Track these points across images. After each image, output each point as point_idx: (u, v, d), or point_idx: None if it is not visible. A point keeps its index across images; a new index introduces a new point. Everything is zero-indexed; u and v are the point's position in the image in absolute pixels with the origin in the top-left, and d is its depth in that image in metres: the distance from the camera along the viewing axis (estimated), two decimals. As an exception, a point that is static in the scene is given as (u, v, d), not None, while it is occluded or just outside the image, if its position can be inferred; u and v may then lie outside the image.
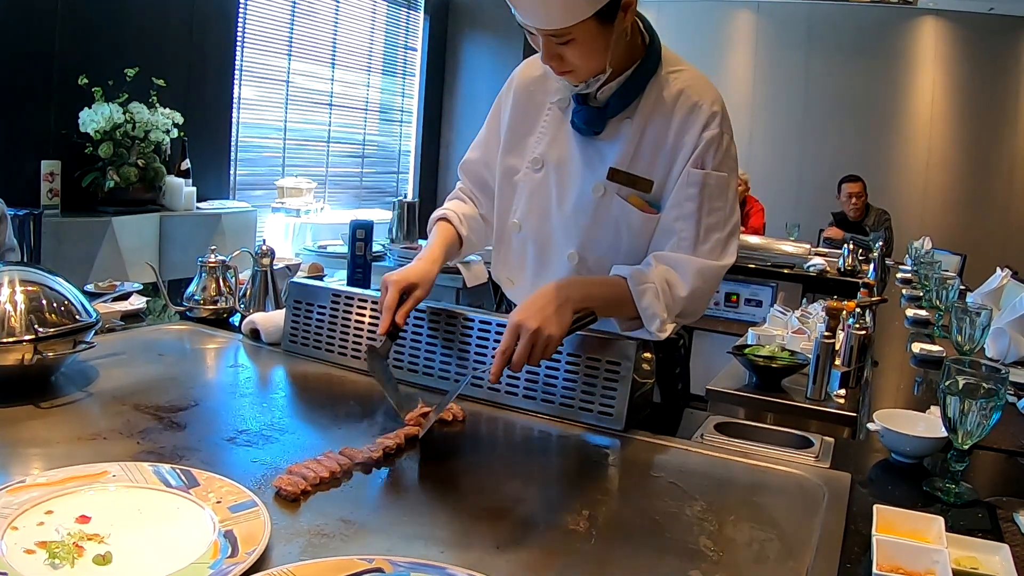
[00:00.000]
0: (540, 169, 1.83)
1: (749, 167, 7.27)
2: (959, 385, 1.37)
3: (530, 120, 1.87)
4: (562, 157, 1.80)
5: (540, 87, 1.86)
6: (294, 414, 1.69)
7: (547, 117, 1.84)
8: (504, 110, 1.93)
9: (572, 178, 1.79)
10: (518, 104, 1.89)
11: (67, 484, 1.14)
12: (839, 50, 7.77)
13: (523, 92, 1.89)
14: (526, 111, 1.88)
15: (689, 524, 1.25)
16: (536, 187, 1.84)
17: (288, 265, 2.86)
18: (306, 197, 6.23)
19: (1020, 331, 2.67)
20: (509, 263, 1.94)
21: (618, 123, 1.75)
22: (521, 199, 1.87)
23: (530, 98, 1.88)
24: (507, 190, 1.91)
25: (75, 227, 4.39)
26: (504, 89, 1.95)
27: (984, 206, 7.63)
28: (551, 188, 1.82)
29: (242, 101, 6.14)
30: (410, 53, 8.17)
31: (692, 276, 1.70)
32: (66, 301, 1.65)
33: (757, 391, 2.44)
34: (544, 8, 1.54)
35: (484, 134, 2.00)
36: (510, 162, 1.89)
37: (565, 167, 1.80)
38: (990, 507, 1.38)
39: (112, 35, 4.84)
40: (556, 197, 1.81)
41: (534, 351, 1.52)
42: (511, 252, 1.94)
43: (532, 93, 1.88)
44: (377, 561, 1.00)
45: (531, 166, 1.84)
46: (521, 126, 1.88)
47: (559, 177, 1.81)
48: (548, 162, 1.82)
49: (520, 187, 1.87)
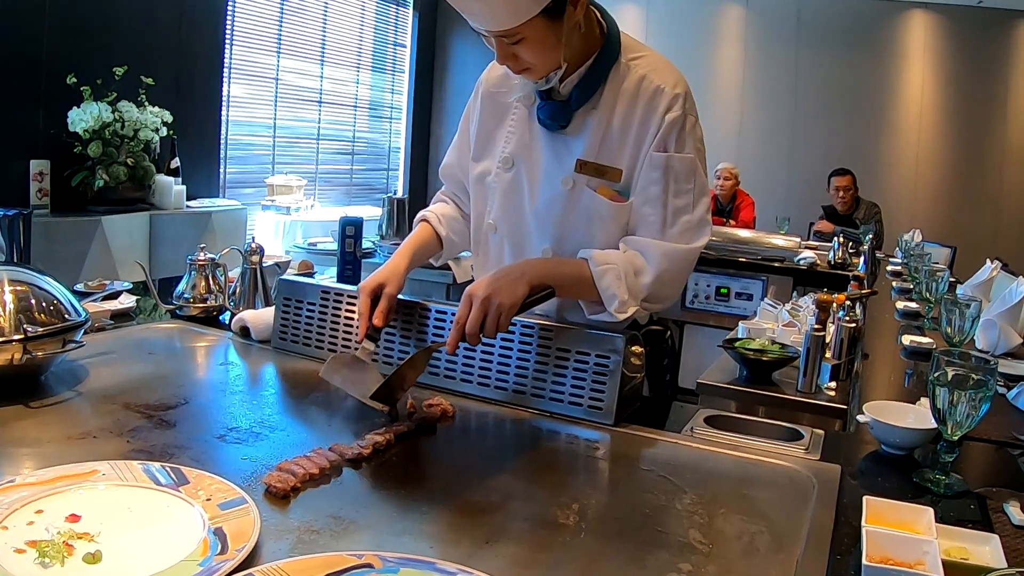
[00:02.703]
0: (511, 168, 1.83)
1: (739, 161, 7.29)
2: (948, 376, 1.38)
3: (497, 122, 1.88)
4: (531, 154, 1.81)
5: (504, 88, 1.87)
6: (284, 411, 1.68)
7: (514, 116, 1.84)
8: (472, 117, 1.95)
9: (542, 174, 1.79)
10: (485, 108, 1.91)
11: (57, 483, 1.14)
12: (829, 43, 7.78)
13: (488, 96, 1.91)
14: (492, 114, 1.89)
15: (679, 517, 1.25)
16: (508, 186, 1.84)
17: (278, 263, 2.85)
18: (296, 195, 6.22)
19: (1010, 322, 2.68)
20: (488, 265, 1.92)
21: (584, 115, 1.75)
22: (495, 199, 1.87)
23: (495, 100, 1.90)
24: (480, 193, 1.92)
25: (65, 227, 4.38)
26: (472, 96, 1.97)
27: (974, 199, 7.65)
28: (523, 185, 1.82)
29: (231, 99, 6.13)
30: (399, 50, 8.17)
31: (658, 259, 1.72)
32: (55, 300, 1.65)
33: (748, 384, 2.44)
34: (490, 10, 1.55)
35: (457, 140, 2.03)
36: (481, 166, 1.91)
37: (535, 164, 1.81)
38: (980, 498, 1.38)
39: (100, 34, 4.83)
40: (528, 193, 1.82)
41: (487, 320, 1.55)
42: (489, 254, 1.94)
43: (496, 95, 1.89)
44: (367, 557, 1.00)
45: (501, 166, 1.84)
46: (489, 130, 1.90)
47: (530, 174, 1.81)
48: (518, 160, 1.83)
49: (492, 188, 1.87)
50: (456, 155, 2.02)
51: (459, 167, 2.01)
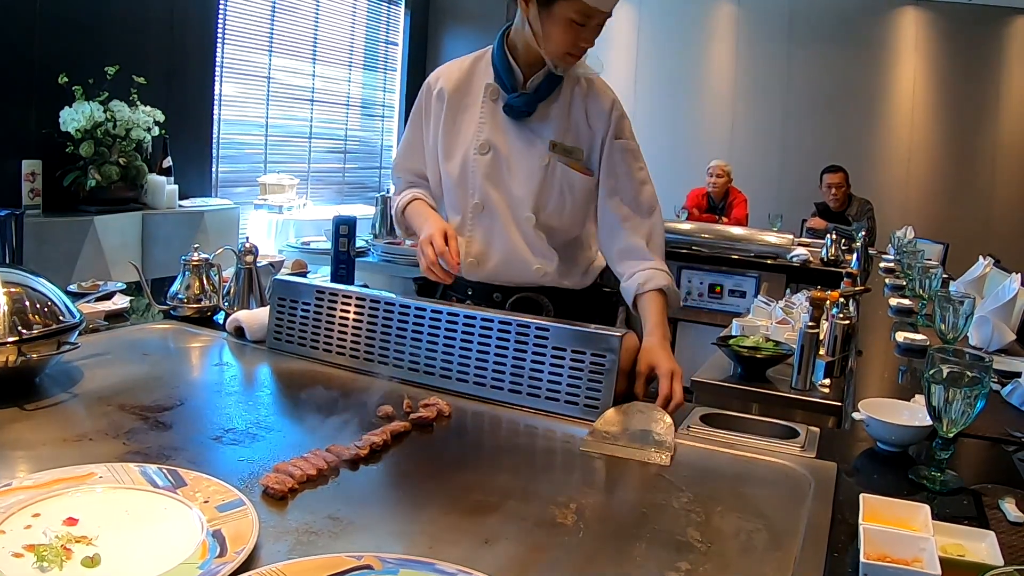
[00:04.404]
0: (487, 152, 2.07)
1: (731, 158, 7.29)
2: (943, 374, 1.38)
3: (463, 118, 2.11)
4: (503, 138, 2.08)
5: (466, 89, 2.12)
6: (280, 412, 1.68)
7: (483, 109, 2.09)
8: (430, 119, 2.16)
9: (516, 154, 2.07)
10: (450, 109, 2.12)
11: (54, 486, 1.14)
12: (820, 40, 7.78)
13: (452, 99, 2.12)
14: (456, 113, 2.12)
15: (676, 516, 1.26)
16: (488, 168, 2.08)
17: (271, 262, 2.85)
18: (288, 193, 6.21)
19: (1003, 319, 2.69)
20: (475, 243, 2.12)
21: (546, 105, 2.07)
22: (476, 181, 2.08)
23: (460, 101, 2.12)
24: (460, 181, 2.11)
25: (57, 227, 4.37)
26: (426, 100, 2.17)
27: (966, 195, 7.66)
28: (501, 165, 2.08)
29: (223, 98, 6.11)
30: (391, 48, 8.15)
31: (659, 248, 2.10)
32: (49, 302, 1.64)
33: (742, 382, 2.44)
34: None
35: (410, 138, 2.24)
36: (456, 159, 2.11)
37: (508, 146, 2.08)
38: (975, 494, 1.39)
39: (92, 33, 4.81)
40: (506, 172, 2.08)
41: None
42: (476, 233, 2.12)
43: (460, 96, 2.12)
44: (366, 558, 1.00)
45: (479, 151, 2.07)
46: (455, 127, 2.12)
47: (505, 155, 2.08)
48: (492, 145, 2.07)
49: (473, 171, 2.08)
50: (410, 153, 2.24)
51: (415, 161, 2.23)
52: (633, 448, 1.51)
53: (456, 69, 2.13)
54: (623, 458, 1.49)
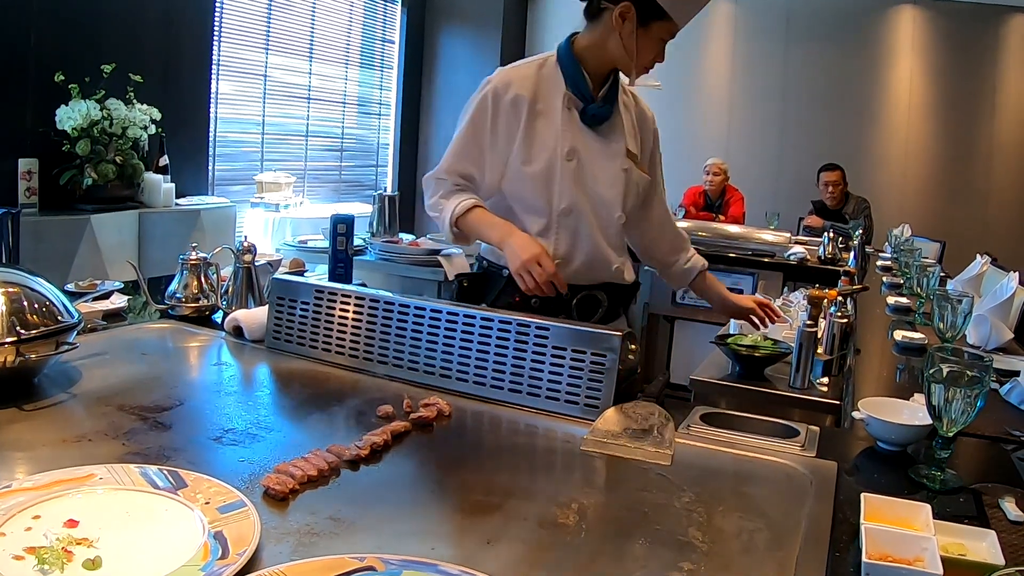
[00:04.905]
0: (572, 159, 2.16)
1: (728, 157, 7.30)
2: (943, 373, 1.38)
3: (540, 124, 2.17)
4: (584, 146, 2.18)
5: (539, 96, 2.17)
6: (280, 412, 1.68)
7: (564, 117, 2.17)
8: (503, 126, 2.17)
9: (598, 160, 2.20)
10: (529, 116, 2.16)
11: (54, 488, 1.14)
12: (818, 39, 7.78)
13: (531, 105, 2.16)
14: (534, 119, 2.17)
15: (678, 515, 1.26)
16: (575, 174, 2.17)
17: (270, 261, 2.85)
18: (285, 192, 6.21)
19: (1001, 318, 2.69)
20: (561, 245, 2.20)
21: (612, 115, 2.23)
22: (565, 186, 2.16)
23: (535, 107, 2.17)
24: (541, 185, 2.17)
25: (53, 226, 4.36)
26: (494, 107, 2.16)
27: (963, 193, 7.67)
28: (585, 171, 2.18)
29: (220, 96, 6.10)
30: (388, 46, 8.14)
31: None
32: (47, 302, 1.64)
33: (740, 380, 2.44)
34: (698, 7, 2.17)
35: (470, 143, 2.20)
36: (538, 164, 2.16)
37: (589, 154, 2.19)
38: (975, 494, 1.39)
39: (88, 31, 4.80)
40: (591, 177, 2.19)
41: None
42: (562, 235, 2.20)
43: (535, 102, 2.17)
44: (369, 559, 1.00)
45: (566, 158, 2.15)
46: (533, 133, 2.16)
47: (588, 162, 2.18)
48: (577, 151, 2.17)
49: (561, 177, 2.16)
50: (465, 156, 2.20)
51: (470, 164, 2.21)
52: (634, 447, 1.51)
53: (526, 76, 2.18)
54: (624, 458, 1.49)
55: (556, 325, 1.72)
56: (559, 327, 1.72)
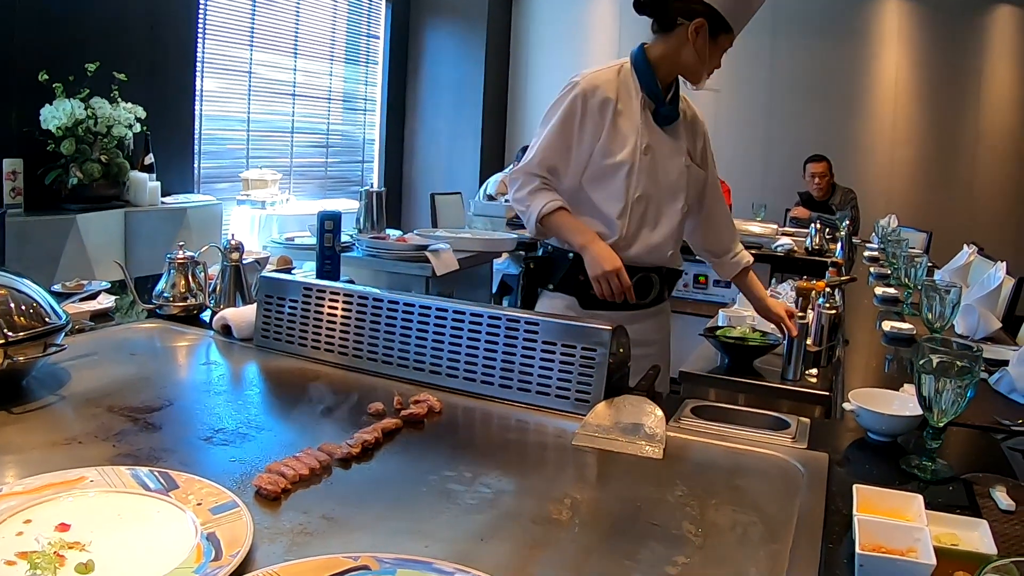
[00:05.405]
0: (647, 153, 2.38)
1: (715, 148, 7.25)
2: (933, 364, 1.38)
3: (621, 122, 2.38)
4: (656, 143, 2.41)
5: (619, 97, 2.38)
6: (270, 411, 1.68)
7: (641, 117, 2.38)
8: (590, 124, 2.38)
9: (667, 157, 2.43)
10: (614, 115, 2.37)
11: (44, 491, 1.13)
12: (804, 30, 7.78)
13: (616, 105, 2.37)
14: (616, 118, 2.37)
15: (671, 509, 1.26)
16: (649, 167, 2.39)
17: (257, 259, 2.83)
18: (271, 188, 6.18)
19: (989, 307, 2.70)
20: (631, 227, 2.41)
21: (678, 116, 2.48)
22: (641, 178, 2.38)
23: (616, 107, 2.37)
24: (617, 176, 2.38)
25: (39, 226, 4.33)
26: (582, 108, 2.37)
27: (949, 183, 7.69)
28: (657, 166, 2.41)
29: (204, 93, 6.07)
30: (372, 41, 8.12)
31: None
32: (35, 303, 1.63)
33: (730, 372, 2.45)
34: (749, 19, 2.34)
35: (559, 138, 2.41)
36: (617, 159, 2.37)
37: (660, 150, 2.42)
38: (967, 483, 1.39)
39: (72, 30, 4.76)
40: (661, 172, 2.42)
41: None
42: (633, 219, 2.41)
43: (616, 103, 2.37)
44: (363, 558, 1.00)
45: (643, 153, 2.37)
46: (616, 129, 2.37)
47: (660, 157, 2.41)
48: (652, 148, 2.39)
49: (637, 169, 2.37)
50: (554, 152, 2.41)
51: (559, 160, 2.41)
52: (625, 442, 1.51)
53: (610, 80, 2.39)
54: (615, 452, 1.49)
55: (546, 320, 1.72)
56: (549, 322, 1.71)
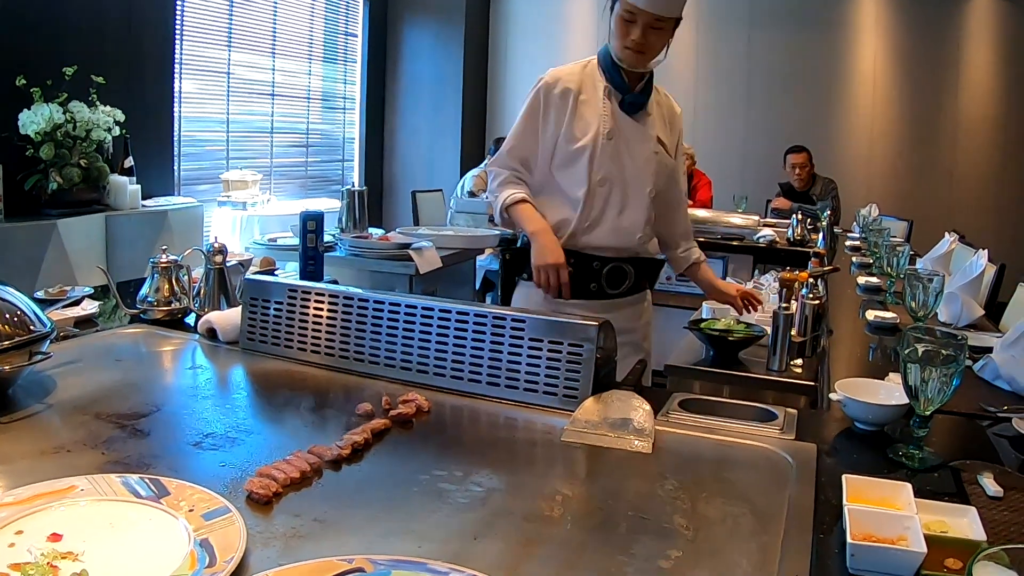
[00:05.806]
0: (611, 138, 2.47)
1: (694, 141, 7.31)
2: (919, 353, 1.39)
3: (585, 111, 2.49)
4: (621, 129, 2.49)
5: (583, 88, 2.50)
6: (258, 414, 1.67)
7: (604, 105, 2.49)
8: (552, 113, 2.50)
9: (633, 143, 2.51)
10: (575, 104, 2.48)
11: (35, 502, 1.12)
12: (781, 21, 7.81)
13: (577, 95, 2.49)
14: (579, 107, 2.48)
15: (662, 503, 1.26)
16: (613, 151, 2.48)
17: (240, 261, 2.82)
18: (252, 189, 6.16)
19: (971, 295, 2.72)
20: (594, 210, 2.50)
21: (647, 107, 2.55)
22: (604, 161, 2.48)
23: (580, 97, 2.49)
24: (581, 160, 2.47)
25: (19, 232, 4.29)
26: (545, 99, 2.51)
27: (928, 172, 7.73)
28: (621, 151, 2.49)
29: (183, 95, 6.04)
30: (351, 39, 8.10)
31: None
32: (19, 312, 1.61)
33: (715, 365, 2.46)
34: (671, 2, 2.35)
35: (525, 128, 2.55)
36: (579, 144, 2.46)
37: (625, 135, 2.50)
38: (954, 471, 1.41)
39: (48, 33, 4.72)
40: (627, 156, 2.50)
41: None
42: (596, 202, 2.50)
43: (579, 93, 2.49)
44: (357, 560, 1.00)
45: (605, 136, 2.47)
46: (578, 117, 2.48)
47: (625, 143, 2.50)
48: (616, 133, 2.48)
49: (600, 152, 2.47)
50: (522, 143, 2.56)
51: (526, 148, 2.55)
52: (614, 437, 1.52)
53: (572, 73, 2.52)
54: (605, 447, 1.50)
55: (532, 317, 1.72)
56: (535, 319, 1.72)
